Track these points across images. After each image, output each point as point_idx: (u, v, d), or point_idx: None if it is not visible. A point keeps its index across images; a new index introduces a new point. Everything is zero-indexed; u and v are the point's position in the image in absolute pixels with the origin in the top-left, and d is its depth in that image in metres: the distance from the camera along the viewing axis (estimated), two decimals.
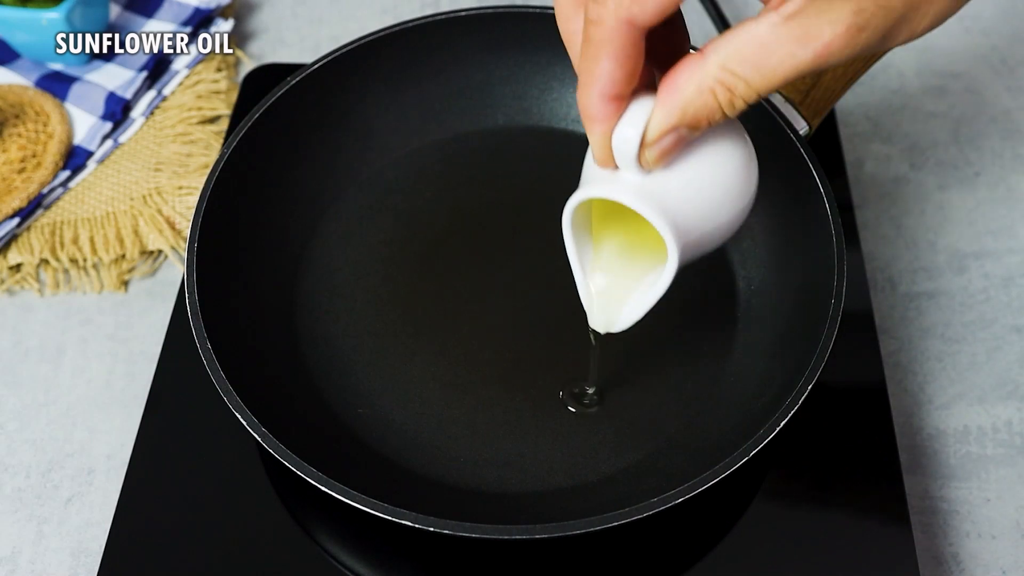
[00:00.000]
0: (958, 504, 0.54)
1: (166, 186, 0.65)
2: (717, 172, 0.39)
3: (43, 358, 0.59)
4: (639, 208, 0.38)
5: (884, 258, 0.63)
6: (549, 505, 0.49)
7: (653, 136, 0.36)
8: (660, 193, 0.38)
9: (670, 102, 0.36)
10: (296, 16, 0.78)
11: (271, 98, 0.57)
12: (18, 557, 0.52)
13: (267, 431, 0.44)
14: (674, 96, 0.35)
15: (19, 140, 0.66)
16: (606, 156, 0.38)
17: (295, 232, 0.59)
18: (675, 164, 0.38)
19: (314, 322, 0.56)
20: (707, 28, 0.75)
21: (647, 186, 0.38)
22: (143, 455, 0.52)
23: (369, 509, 0.42)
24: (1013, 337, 0.60)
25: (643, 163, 0.37)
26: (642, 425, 0.52)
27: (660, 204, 0.38)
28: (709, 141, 0.39)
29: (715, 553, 0.49)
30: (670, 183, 0.38)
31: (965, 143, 0.70)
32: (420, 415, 0.53)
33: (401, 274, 0.58)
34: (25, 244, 0.63)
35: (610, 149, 0.38)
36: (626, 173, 0.38)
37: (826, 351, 0.47)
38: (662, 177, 0.38)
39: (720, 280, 0.58)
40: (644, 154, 0.37)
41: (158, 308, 0.61)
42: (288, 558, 0.49)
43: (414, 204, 0.62)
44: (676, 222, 0.38)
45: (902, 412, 0.57)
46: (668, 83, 0.36)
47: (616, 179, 0.38)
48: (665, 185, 0.38)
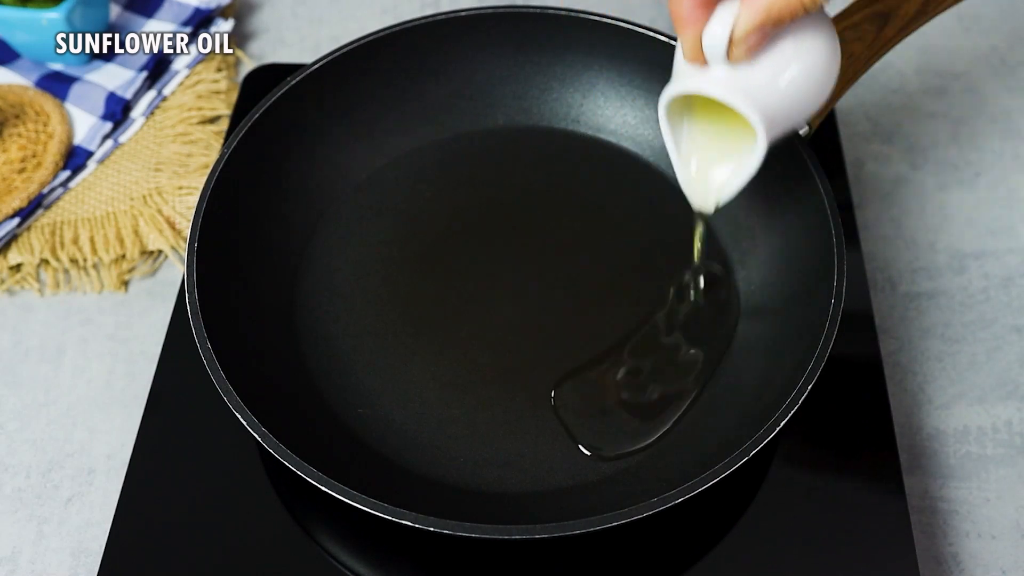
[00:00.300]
0: (958, 504, 0.54)
1: (166, 186, 0.65)
2: (799, 62, 0.42)
3: (43, 358, 0.59)
4: (729, 99, 0.42)
5: (884, 258, 0.63)
6: (549, 505, 0.49)
7: (741, 34, 0.40)
8: (747, 84, 0.42)
9: (756, 3, 0.39)
10: (296, 16, 0.78)
11: (271, 98, 0.57)
12: (18, 557, 0.52)
13: (267, 431, 0.44)
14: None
15: (19, 140, 0.66)
16: (697, 54, 0.42)
17: (295, 232, 0.59)
18: (760, 56, 0.42)
19: (314, 322, 0.56)
20: None
21: (735, 78, 0.42)
22: (143, 455, 0.52)
23: (369, 509, 0.42)
24: (1013, 337, 0.60)
25: (732, 59, 0.41)
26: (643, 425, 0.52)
27: (747, 94, 0.42)
28: (792, 32, 0.42)
29: (715, 553, 0.49)
30: (756, 75, 0.42)
31: (965, 143, 0.70)
32: (420, 415, 0.53)
33: (401, 274, 0.58)
34: (25, 244, 0.63)
35: (700, 48, 0.41)
36: (715, 67, 0.42)
37: (826, 351, 0.47)
38: (748, 69, 0.42)
39: (720, 280, 0.58)
40: (733, 51, 0.41)
41: (158, 308, 0.61)
42: (288, 558, 0.49)
43: (414, 204, 0.62)
44: (763, 109, 0.42)
45: (902, 412, 0.57)
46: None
47: (706, 73, 0.43)
48: (752, 76, 0.42)
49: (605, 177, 0.63)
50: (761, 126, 0.42)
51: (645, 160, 0.63)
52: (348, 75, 0.60)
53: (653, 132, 0.63)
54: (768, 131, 0.43)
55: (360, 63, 0.60)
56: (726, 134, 0.47)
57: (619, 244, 0.60)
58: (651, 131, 0.63)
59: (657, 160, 0.63)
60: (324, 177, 0.61)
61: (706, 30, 0.41)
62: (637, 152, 0.63)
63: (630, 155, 0.63)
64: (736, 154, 0.47)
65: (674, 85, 0.44)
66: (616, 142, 0.64)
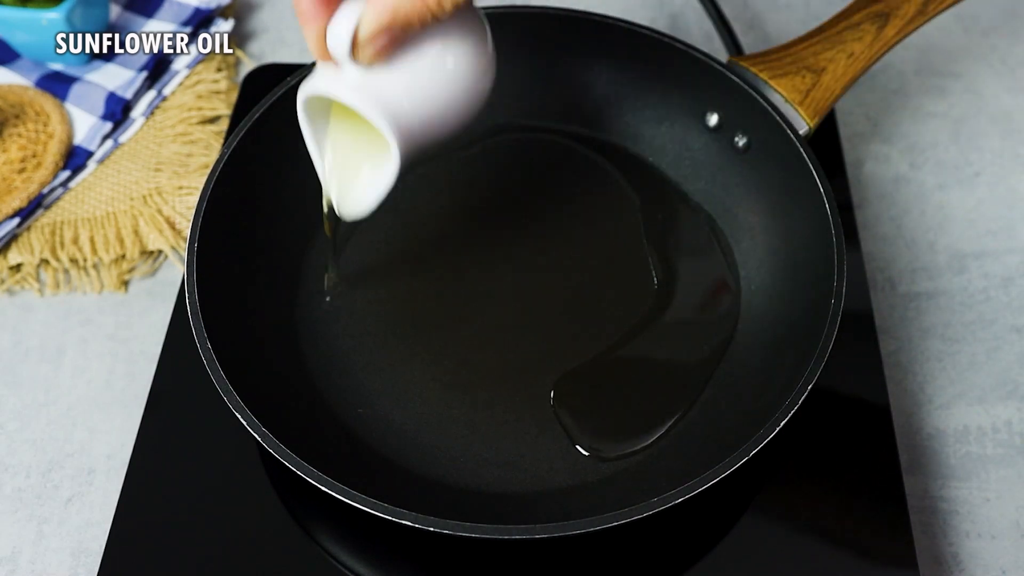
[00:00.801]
0: (958, 504, 0.54)
1: (166, 186, 0.65)
2: (439, 67, 0.39)
3: (43, 358, 0.59)
4: (355, 104, 0.39)
5: (884, 258, 0.63)
6: (549, 505, 0.49)
7: (365, 35, 0.37)
8: (379, 89, 0.39)
9: (381, 4, 0.37)
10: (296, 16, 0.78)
11: (271, 98, 0.57)
12: (18, 557, 0.52)
13: (267, 431, 0.44)
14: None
15: (19, 140, 0.66)
16: (321, 52, 0.39)
17: (295, 232, 0.59)
18: (398, 60, 0.39)
19: (314, 322, 0.56)
20: (707, 28, 0.75)
21: (367, 82, 0.39)
22: (143, 455, 0.52)
23: (369, 509, 0.42)
24: (1013, 337, 0.60)
25: (359, 60, 0.38)
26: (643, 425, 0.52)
27: (377, 100, 0.39)
28: (434, 37, 0.39)
29: (715, 553, 0.49)
30: (390, 80, 0.39)
31: (965, 143, 0.70)
32: (420, 415, 0.53)
33: (401, 274, 0.58)
34: (25, 244, 0.63)
35: (324, 48, 0.39)
36: (348, 69, 0.39)
37: (826, 351, 0.47)
38: (383, 73, 0.39)
39: (720, 280, 0.58)
40: (358, 52, 0.38)
41: (158, 308, 0.61)
42: (288, 558, 0.49)
43: (414, 204, 0.62)
44: (395, 118, 0.39)
45: (902, 412, 0.57)
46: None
47: (338, 75, 0.40)
48: (385, 82, 0.39)
49: (605, 177, 0.63)
50: (393, 136, 0.39)
51: (645, 160, 0.63)
52: None
53: (653, 132, 0.63)
54: (403, 142, 0.39)
55: None
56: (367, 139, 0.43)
57: (620, 244, 0.60)
58: (651, 131, 0.63)
59: (657, 160, 0.63)
60: None
61: (330, 30, 0.38)
62: (637, 152, 0.63)
63: (630, 155, 0.63)
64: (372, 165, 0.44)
65: (306, 84, 0.41)
66: (616, 142, 0.64)
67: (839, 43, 0.57)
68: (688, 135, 0.62)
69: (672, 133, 0.62)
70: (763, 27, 0.77)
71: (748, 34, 0.76)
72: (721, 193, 0.60)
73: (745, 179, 0.59)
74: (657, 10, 0.78)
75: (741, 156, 0.59)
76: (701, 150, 0.61)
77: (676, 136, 0.62)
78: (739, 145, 0.59)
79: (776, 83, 0.56)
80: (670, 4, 0.78)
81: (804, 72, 0.56)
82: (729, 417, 0.51)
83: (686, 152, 0.62)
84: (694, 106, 0.61)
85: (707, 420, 0.52)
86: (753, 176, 0.59)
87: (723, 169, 0.60)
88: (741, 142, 0.59)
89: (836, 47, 0.57)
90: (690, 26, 0.76)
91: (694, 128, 0.61)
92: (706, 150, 0.61)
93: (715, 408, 0.53)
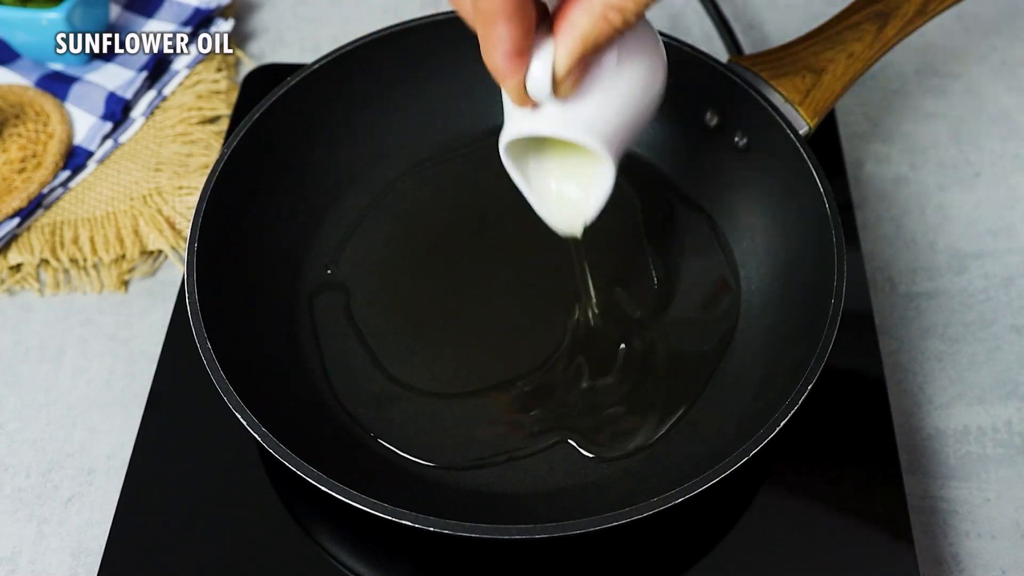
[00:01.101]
0: (958, 504, 0.54)
1: (166, 186, 0.65)
2: (627, 78, 0.41)
3: (43, 358, 0.59)
4: (567, 136, 0.40)
5: (884, 258, 0.63)
6: (549, 505, 0.49)
7: (562, 72, 0.39)
8: (580, 115, 0.41)
9: (570, 38, 0.38)
10: (296, 16, 0.78)
11: (271, 98, 0.57)
12: (18, 557, 0.52)
13: (267, 431, 0.44)
14: (572, 32, 0.38)
15: (19, 140, 0.66)
16: (524, 100, 0.40)
17: (295, 232, 0.59)
18: (587, 83, 0.40)
19: (314, 322, 0.56)
20: (707, 28, 0.75)
21: (567, 112, 0.41)
22: (143, 455, 0.52)
23: (369, 509, 0.42)
24: (1013, 337, 0.60)
25: (560, 96, 0.40)
26: (643, 425, 0.52)
27: (583, 125, 0.40)
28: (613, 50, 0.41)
29: (715, 553, 0.49)
30: (587, 103, 0.41)
31: (965, 143, 0.70)
32: (420, 415, 0.53)
33: (401, 274, 0.59)
34: (25, 244, 0.63)
35: (526, 95, 0.40)
36: (546, 105, 0.41)
37: (826, 351, 0.47)
38: (579, 99, 0.41)
39: (720, 280, 0.58)
40: (559, 90, 0.39)
41: (158, 308, 0.61)
42: (288, 558, 0.49)
43: (414, 204, 0.62)
44: (602, 135, 0.41)
45: (902, 412, 0.57)
46: (563, 21, 0.38)
47: (538, 112, 0.41)
48: (583, 106, 0.41)
49: None
50: (605, 151, 0.41)
51: (645, 159, 0.63)
52: (348, 75, 0.60)
53: (653, 132, 0.63)
54: (613, 152, 0.41)
55: (360, 63, 0.60)
56: (573, 154, 0.45)
57: (620, 244, 0.60)
58: (651, 131, 0.63)
59: (657, 160, 0.63)
60: (324, 177, 0.61)
61: (528, 77, 0.39)
62: (637, 151, 0.63)
63: (631, 154, 0.63)
64: (588, 170, 0.45)
65: (509, 129, 0.43)
66: None
67: (839, 43, 0.57)
68: (688, 135, 0.62)
69: (672, 133, 0.62)
70: (763, 27, 0.77)
71: (748, 34, 0.76)
72: (721, 193, 0.60)
73: (745, 179, 0.59)
74: (657, 10, 0.78)
75: (741, 156, 0.59)
76: (701, 150, 0.61)
77: (676, 136, 0.62)
78: (739, 145, 0.59)
79: (776, 83, 0.56)
80: (670, 4, 0.78)
81: (804, 72, 0.56)
82: (729, 417, 0.51)
83: (686, 152, 0.62)
84: (694, 106, 0.61)
85: (707, 420, 0.52)
86: (753, 176, 0.58)
87: (723, 169, 0.60)
88: (741, 142, 0.59)
89: (836, 47, 0.57)
90: (690, 26, 0.76)
91: (694, 128, 0.61)
92: (706, 150, 0.61)
93: (715, 408, 0.53)
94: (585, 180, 0.46)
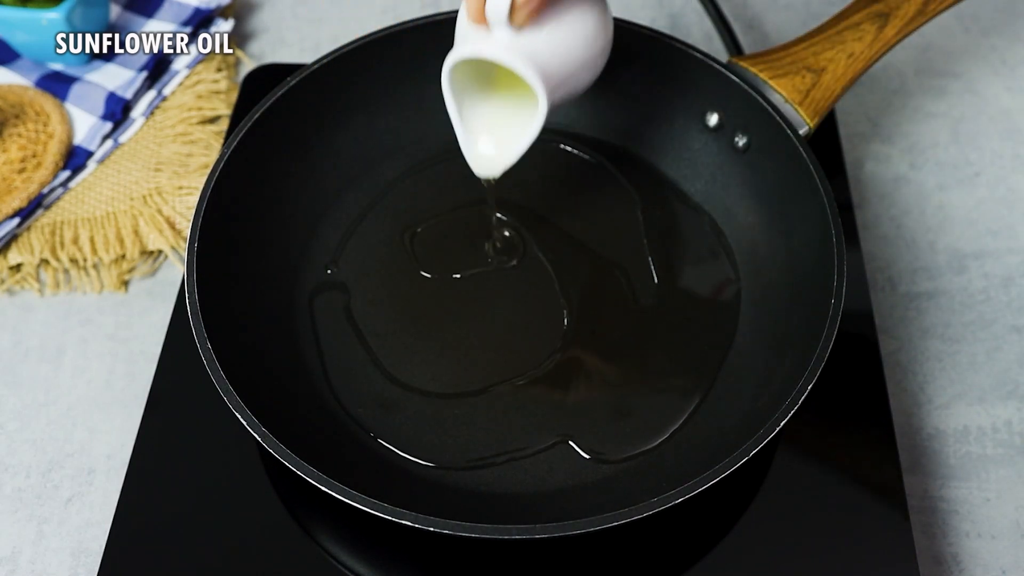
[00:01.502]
0: (958, 504, 0.54)
1: (166, 186, 0.65)
2: (577, 27, 0.44)
3: (43, 358, 0.59)
4: (512, 63, 0.43)
5: (884, 258, 0.63)
6: (549, 505, 0.49)
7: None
8: (528, 48, 0.43)
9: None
10: (296, 16, 0.78)
11: (271, 98, 0.57)
12: (18, 557, 0.52)
13: (267, 431, 0.44)
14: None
15: (19, 140, 0.66)
16: (480, 16, 0.43)
17: (295, 232, 0.59)
18: (541, 21, 0.43)
19: (314, 322, 0.56)
20: (707, 28, 0.75)
21: (517, 42, 0.43)
22: (143, 455, 0.52)
23: (369, 509, 0.42)
24: (1013, 337, 0.60)
25: (514, 22, 0.42)
26: (642, 425, 0.52)
27: (529, 58, 0.43)
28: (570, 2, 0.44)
29: (715, 553, 0.49)
30: (537, 39, 0.43)
31: (965, 143, 0.70)
32: (420, 415, 0.53)
33: (401, 274, 0.59)
34: (25, 244, 0.63)
35: (483, 13, 0.43)
36: (497, 31, 0.43)
37: (826, 351, 0.47)
38: (529, 33, 0.43)
39: (720, 280, 0.58)
40: (515, 15, 0.42)
41: (158, 308, 0.61)
42: (288, 558, 0.49)
43: (414, 204, 0.62)
44: (544, 73, 0.43)
45: (902, 412, 0.57)
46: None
47: (489, 37, 0.44)
48: (532, 41, 0.43)
49: (605, 176, 0.63)
50: (541, 87, 0.43)
51: (645, 160, 0.63)
52: (348, 75, 0.60)
53: (653, 132, 0.63)
54: (549, 94, 0.44)
55: (360, 63, 0.60)
56: (510, 98, 0.48)
57: (621, 244, 0.60)
58: (651, 131, 0.63)
59: (658, 159, 0.63)
60: (324, 177, 0.61)
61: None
62: (637, 152, 0.63)
63: (630, 155, 0.63)
64: (520, 118, 0.47)
65: (458, 49, 0.45)
66: (616, 142, 0.64)
67: (839, 43, 0.57)
68: (688, 135, 0.62)
69: (672, 133, 0.62)
70: (763, 27, 0.77)
71: (748, 34, 0.76)
72: (721, 193, 0.60)
73: (745, 179, 0.59)
74: (657, 10, 0.78)
75: (741, 156, 0.59)
76: (701, 150, 0.61)
77: (676, 136, 0.62)
78: (739, 145, 0.59)
79: (776, 83, 0.56)
80: (670, 4, 0.78)
81: (804, 72, 0.56)
82: (729, 417, 0.51)
83: (686, 152, 0.62)
84: (694, 106, 0.61)
85: (707, 421, 0.52)
86: (753, 176, 0.59)
87: (723, 169, 0.60)
88: (741, 142, 0.59)
89: (836, 47, 0.57)
90: (690, 26, 0.76)
91: (694, 128, 0.61)
92: (706, 150, 0.61)
93: (715, 409, 0.53)
94: (515, 126, 0.48)
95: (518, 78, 0.45)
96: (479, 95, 0.48)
